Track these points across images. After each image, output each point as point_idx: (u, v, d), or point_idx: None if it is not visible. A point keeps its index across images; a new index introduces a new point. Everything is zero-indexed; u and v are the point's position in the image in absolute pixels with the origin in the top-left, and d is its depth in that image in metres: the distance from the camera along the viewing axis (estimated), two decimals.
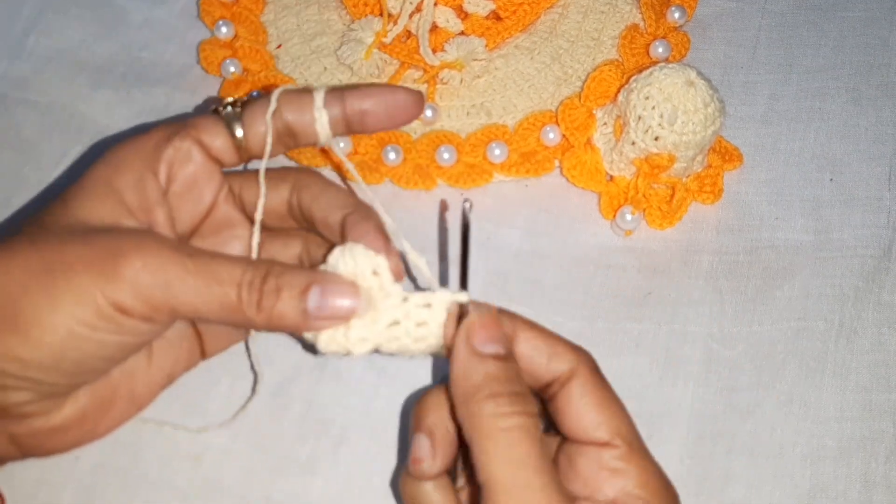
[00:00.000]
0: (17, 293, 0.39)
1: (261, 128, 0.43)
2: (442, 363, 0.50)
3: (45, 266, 0.39)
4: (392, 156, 0.56)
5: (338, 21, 0.63)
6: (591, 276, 0.53)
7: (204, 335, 0.47)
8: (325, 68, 0.60)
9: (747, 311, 0.52)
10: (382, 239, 0.42)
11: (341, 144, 0.56)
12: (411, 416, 0.41)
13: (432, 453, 0.39)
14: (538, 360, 0.40)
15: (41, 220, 0.41)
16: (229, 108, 0.44)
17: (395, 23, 0.60)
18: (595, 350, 0.45)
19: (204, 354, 0.47)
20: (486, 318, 0.39)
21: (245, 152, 0.44)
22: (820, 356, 0.50)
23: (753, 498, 0.47)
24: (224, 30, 0.61)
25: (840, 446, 0.48)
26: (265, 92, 0.52)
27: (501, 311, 0.40)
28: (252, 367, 0.49)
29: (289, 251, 0.47)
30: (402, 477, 0.41)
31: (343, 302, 0.40)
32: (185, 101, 0.60)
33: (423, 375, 0.50)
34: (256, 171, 0.45)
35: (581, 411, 0.39)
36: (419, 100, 0.45)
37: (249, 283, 0.39)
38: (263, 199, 0.44)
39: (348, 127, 0.44)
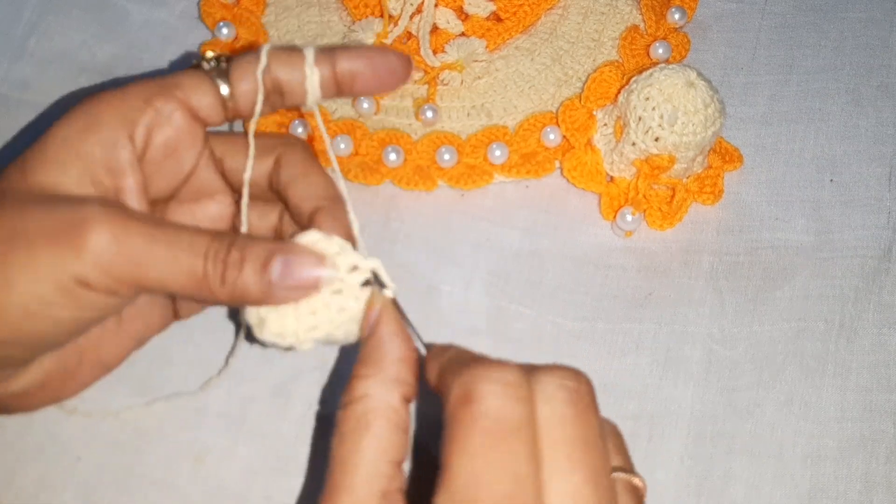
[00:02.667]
0: None
1: (249, 85, 0.41)
2: None
3: (3, 242, 0.37)
4: (392, 156, 0.56)
5: (338, 22, 0.63)
6: (592, 277, 0.53)
7: (178, 303, 0.46)
8: None
9: (747, 311, 0.52)
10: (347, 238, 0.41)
11: (342, 146, 0.56)
12: None
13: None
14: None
15: (4, 186, 0.39)
16: (214, 62, 0.42)
17: (396, 24, 0.60)
18: (595, 350, 0.45)
19: (177, 316, 0.46)
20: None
21: (231, 111, 0.42)
22: (820, 356, 0.50)
23: (753, 498, 0.47)
24: (225, 31, 0.61)
25: (840, 447, 0.48)
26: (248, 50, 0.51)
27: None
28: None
29: (265, 222, 0.46)
30: None
31: (307, 271, 0.38)
32: None
33: None
34: (240, 134, 0.43)
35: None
36: (408, 63, 0.43)
37: (215, 254, 0.38)
38: (252, 164, 0.43)
39: (338, 88, 0.43)
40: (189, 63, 0.43)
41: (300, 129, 0.57)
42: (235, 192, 0.45)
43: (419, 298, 0.52)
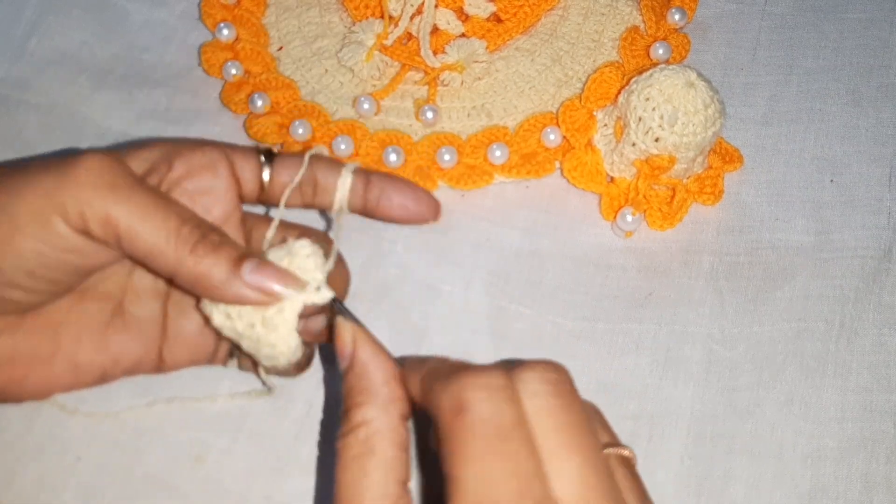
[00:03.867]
0: None
1: (286, 178, 0.44)
2: None
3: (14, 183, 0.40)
4: (393, 157, 0.56)
5: (339, 23, 0.63)
6: (592, 277, 0.53)
7: (166, 344, 0.46)
8: (327, 70, 0.60)
9: (748, 311, 0.52)
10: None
11: (342, 146, 0.56)
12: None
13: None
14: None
15: None
16: (265, 152, 0.45)
17: (396, 25, 0.60)
18: (596, 350, 0.45)
19: (161, 366, 0.46)
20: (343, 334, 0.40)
21: (265, 194, 0.45)
22: (820, 357, 0.50)
23: (753, 498, 0.47)
24: (225, 32, 0.61)
25: (840, 447, 0.48)
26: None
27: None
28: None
29: None
30: None
31: (273, 282, 0.40)
32: (187, 103, 0.60)
33: None
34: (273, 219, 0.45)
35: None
36: (437, 208, 0.45)
37: (196, 224, 0.40)
38: (273, 233, 0.45)
39: (364, 206, 0.45)
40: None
41: (300, 130, 0.57)
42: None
43: (419, 298, 0.52)
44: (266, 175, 0.44)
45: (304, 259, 0.41)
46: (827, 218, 0.55)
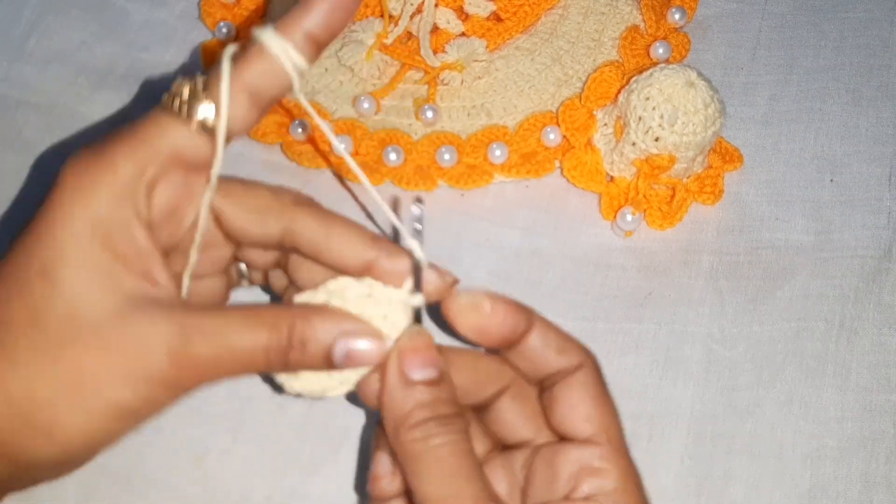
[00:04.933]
0: (45, 407, 0.36)
1: (231, 108, 0.37)
2: None
3: (69, 382, 0.36)
4: (393, 156, 0.56)
5: None
6: (592, 277, 0.53)
7: None
8: (326, 69, 0.60)
9: (747, 311, 0.52)
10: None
11: (342, 146, 0.56)
12: (373, 435, 0.40)
13: (392, 471, 0.38)
14: (547, 352, 0.39)
15: (34, 306, 0.36)
16: (187, 91, 0.37)
17: (396, 24, 0.60)
18: (595, 350, 0.45)
19: None
20: (417, 342, 0.38)
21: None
22: (820, 356, 0.50)
23: (753, 498, 0.47)
24: (225, 31, 0.61)
25: (840, 447, 0.48)
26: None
27: (519, 306, 0.39)
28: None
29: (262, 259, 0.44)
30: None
31: (369, 355, 0.38)
32: None
33: None
34: (235, 181, 0.40)
35: (577, 403, 0.39)
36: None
37: (276, 348, 0.37)
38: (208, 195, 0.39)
39: (316, 47, 0.38)
40: (160, 105, 0.38)
41: (300, 130, 0.57)
42: (233, 241, 0.42)
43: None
44: (209, 112, 0.37)
45: (359, 302, 0.38)
46: (827, 217, 0.55)
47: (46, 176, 0.53)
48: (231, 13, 0.63)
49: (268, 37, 0.37)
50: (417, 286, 0.39)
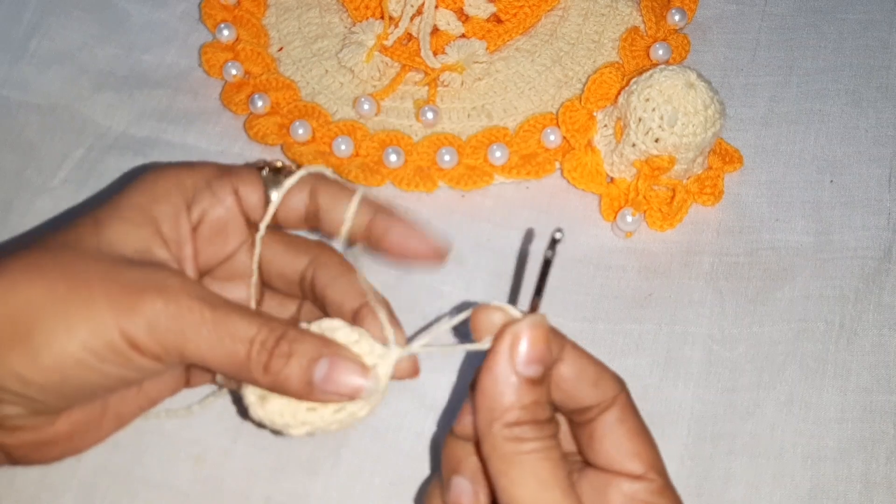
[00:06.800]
0: (35, 312, 0.38)
1: (292, 202, 0.43)
2: (450, 365, 0.50)
3: (67, 291, 0.38)
4: (393, 158, 0.56)
5: (339, 24, 0.63)
6: (592, 278, 0.53)
7: (192, 368, 0.46)
8: (327, 71, 0.60)
9: (748, 312, 0.52)
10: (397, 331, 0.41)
11: (343, 147, 0.56)
12: (443, 451, 0.40)
13: (475, 497, 0.38)
14: (581, 385, 0.39)
15: (70, 239, 0.40)
16: (272, 172, 0.44)
17: (397, 25, 0.60)
18: (596, 351, 0.45)
19: (188, 384, 0.47)
20: (535, 334, 0.37)
21: (273, 217, 0.44)
22: (820, 357, 0.50)
23: (753, 498, 0.47)
24: (225, 32, 0.61)
25: (840, 447, 0.48)
26: (293, 161, 0.55)
27: (552, 332, 0.38)
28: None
29: (283, 312, 0.47)
30: None
31: (350, 380, 0.39)
32: (187, 104, 0.60)
33: (424, 377, 0.49)
34: (281, 233, 0.45)
35: (622, 441, 0.39)
36: (442, 253, 0.43)
37: (262, 342, 0.39)
38: (258, 257, 0.45)
39: (366, 239, 0.43)
40: (254, 165, 0.45)
41: (300, 131, 0.57)
42: (265, 282, 0.46)
43: (419, 299, 0.52)
44: (274, 196, 0.43)
45: (353, 344, 0.40)
46: (827, 218, 0.55)
47: None
48: (231, 15, 0.63)
49: (355, 200, 0.43)
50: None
